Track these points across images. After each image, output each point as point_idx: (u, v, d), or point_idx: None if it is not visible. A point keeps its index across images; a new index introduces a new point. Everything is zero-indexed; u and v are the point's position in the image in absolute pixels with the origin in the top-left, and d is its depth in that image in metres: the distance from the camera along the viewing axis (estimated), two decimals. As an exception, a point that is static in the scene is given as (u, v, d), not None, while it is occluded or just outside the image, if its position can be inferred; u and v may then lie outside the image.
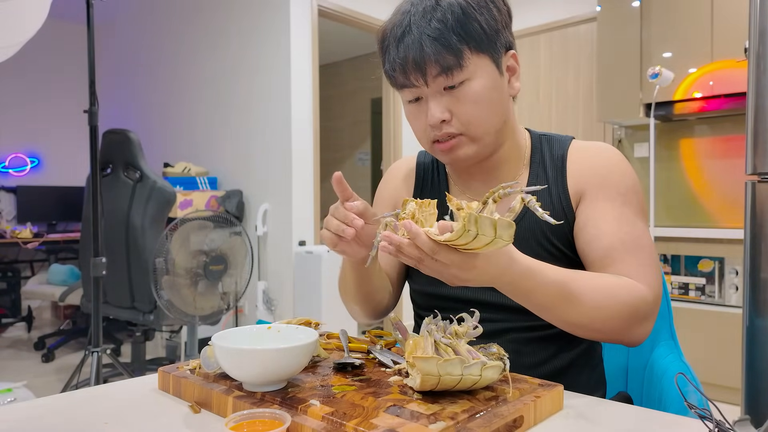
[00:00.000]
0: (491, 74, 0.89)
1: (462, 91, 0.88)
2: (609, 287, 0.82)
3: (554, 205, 0.94)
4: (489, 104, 0.89)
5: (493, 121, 0.91)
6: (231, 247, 2.74)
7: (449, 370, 0.65)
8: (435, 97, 0.89)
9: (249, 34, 3.94)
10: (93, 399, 0.78)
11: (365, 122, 6.43)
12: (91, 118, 2.27)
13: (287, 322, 0.86)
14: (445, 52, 0.84)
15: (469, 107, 0.88)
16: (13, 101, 5.06)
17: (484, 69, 0.88)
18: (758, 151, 1.07)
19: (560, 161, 0.96)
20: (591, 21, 3.90)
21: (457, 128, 0.89)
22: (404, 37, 0.87)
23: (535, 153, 0.99)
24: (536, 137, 1.01)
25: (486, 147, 0.93)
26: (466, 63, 0.86)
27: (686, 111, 3.22)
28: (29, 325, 4.62)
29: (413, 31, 0.86)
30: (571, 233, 0.94)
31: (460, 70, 0.86)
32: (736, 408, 2.62)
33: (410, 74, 0.88)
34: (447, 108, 0.88)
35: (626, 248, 0.87)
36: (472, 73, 0.87)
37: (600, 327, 0.82)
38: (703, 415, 0.57)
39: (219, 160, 4.19)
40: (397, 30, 0.88)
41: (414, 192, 1.08)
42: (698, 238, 2.96)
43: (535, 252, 0.93)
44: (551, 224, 0.93)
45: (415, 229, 0.66)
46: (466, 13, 0.85)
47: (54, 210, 4.97)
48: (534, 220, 0.94)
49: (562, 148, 0.98)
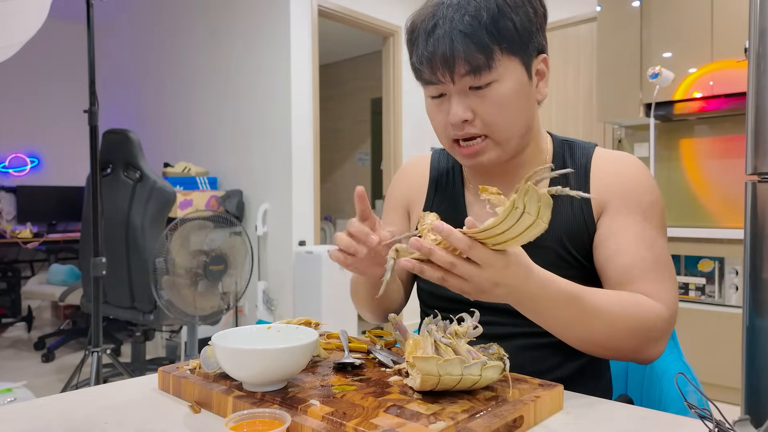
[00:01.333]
0: (520, 78, 0.86)
1: (488, 93, 0.85)
2: (625, 304, 0.80)
3: (575, 214, 0.92)
4: (514, 109, 0.87)
5: (518, 125, 0.88)
6: (231, 247, 2.74)
7: (449, 370, 0.65)
8: (459, 96, 0.86)
9: (249, 34, 3.94)
10: (93, 399, 0.78)
11: (365, 122, 6.43)
12: (91, 118, 2.27)
13: (287, 322, 0.86)
14: (475, 50, 0.82)
15: (494, 110, 0.85)
16: (13, 101, 5.06)
17: (513, 72, 0.85)
18: (758, 151, 1.07)
19: (583, 170, 0.94)
20: (591, 21, 3.90)
21: (479, 129, 0.87)
22: (435, 30, 0.83)
23: (557, 158, 0.96)
24: (558, 142, 0.99)
25: (509, 152, 0.91)
26: (496, 64, 0.83)
27: (686, 111, 3.22)
28: (29, 325, 4.62)
29: (444, 25, 0.82)
30: (590, 244, 0.92)
31: (488, 71, 0.83)
32: (736, 408, 2.62)
33: (437, 69, 0.85)
34: (470, 108, 0.86)
35: (645, 267, 0.85)
36: (500, 74, 0.84)
37: (615, 345, 0.80)
38: (703, 415, 0.57)
39: (219, 160, 4.19)
40: (428, 22, 0.84)
41: (428, 192, 1.05)
42: (698, 238, 2.95)
43: (552, 259, 0.91)
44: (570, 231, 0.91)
45: (446, 228, 0.65)
46: (501, 11, 0.82)
47: (54, 210, 4.97)
48: (553, 227, 0.90)
49: (585, 156, 0.95)
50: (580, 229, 0.91)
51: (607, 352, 0.82)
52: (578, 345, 0.81)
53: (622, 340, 0.79)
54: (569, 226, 0.91)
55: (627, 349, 0.81)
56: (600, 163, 0.94)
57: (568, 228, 0.91)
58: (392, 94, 4.41)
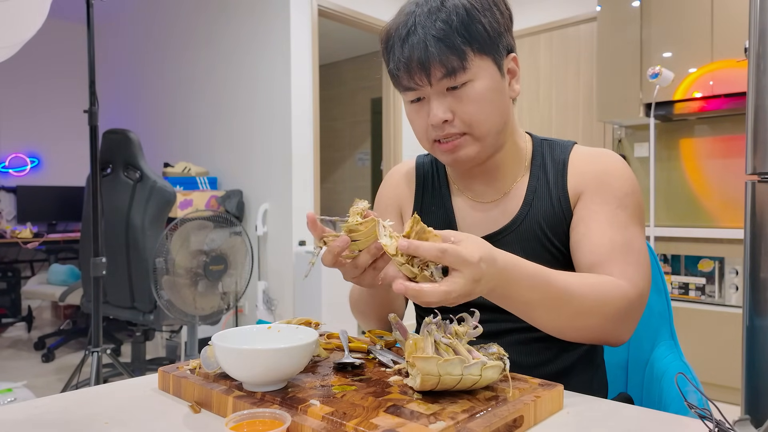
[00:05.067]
0: (493, 75, 0.90)
1: (464, 92, 0.88)
2: (589, 284, 0.81)
3: (554, 208, 0.95)
4: (491, 104, 0.90)
5: (495, 121, 0.92)
6: (231, 247, 2.74)
7: (449, 370, 0.65)
8: (437, 98, 0.89)
9: (249, 34, 3.94)
10: (93, 399, 0.78)
11: (365, 122, 6.43)
12: (91, 118, 2.27)
13: (287, 322, 0.86)
14: (449, 53, 0.85)
15: (472, 107, 0.89)
16: (13, 101, 5.06)
17: (486, 70, 0.89)
18: (758, 151, 1.07)
19: (561, 165, 0.97)
20: (591, 21, 3.90)
21: (459, 128, 0.90)
22: (409, 37, 0.87)
23: (536, 156, 1.00)
24: (538, 141, 1.02)
25: (487, 148, 0.93)
26: (470, 64, 0.87)
27: (686, 111, 3.21)
28: (29, 325, 4.62)
29: (418, 32, 0.86)
30: (569, 233, 0.94)
31: (463, 71, 0.87)
32: (736, 408, 2.62)
33: (414, 74, 0.88)
34: (449, 108, 0.89)
35: (614, 250, 0.87)
36: (474, 74, 0.88)
37: (582, 324, 0.81)
38: (703, 415, 0.57)
39: (219, 160, 4.19)
40: (401, 30, 0.88)
41: (416, 194, 1.08)
42: (698, 238, 2.96)
43: (536, 251, 0.93)
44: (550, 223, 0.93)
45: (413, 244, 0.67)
46: (471, 15, 0.86)
47: (54, 210, 4.97)
48: (535, 219, 0.94)
49: (564, 152, 0.98)
50: (559, 219, 0.94)
51: (576, 333, 0.83)
52: (548, 328, 0.82)
53: (588, 320, 0.81)
54: (548, 217, 0.95)
55: (594, 328, 0.82)
56: (577, 158, 0.97)
57: (548, 218, 0.95)
58: (392, 94, 4.41)
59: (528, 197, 0.97)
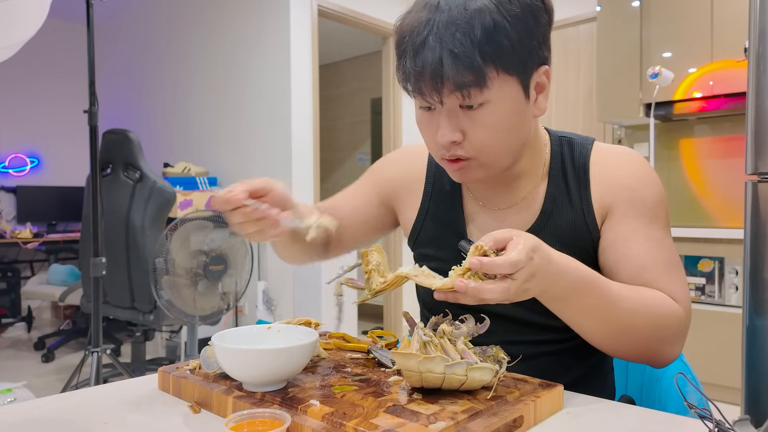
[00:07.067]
0: (515, 97, 0.80)
1: (479, 114, 0.79)
2: (644, 296, 0.79)
3: (576, 219, 0.89)
4: (506, 131, 0.81)
5: (509, 147, 0.84)
6: (231, 247, 2.74)
7: (430, 367, 0.65)
8: (449, 115, 0.80)
9: (249, 34, 3.94)
10: (93, 399, 0.78)
11: (365, 122, 6.43)
12: (91, 118, 2.27)
13: (287, 322, 0.86)
14: (465, 71, 0.74)
15: (484, 134, 0.80)
16: (13, 101, 5.06)
17: (508, 91, 0.79)
18: (758, 151, 1.07)
19: (583, 171, 0.90)
20: (591, 21, 3.89)
21: (467, 152, 0.82)
22: (423, 49, 0.76)
23: (555, 160, 0.92)
24: (556, 140, 0.94)
25: (497, 170, 0.87)
26: (489, 84, 0.76)
27: (686, 111, 3.21)
28: (29, 325, 4.62)
29: (434, 44, 0.75)
30: (593, 249, 0.89)
31: (479, 91, 0.76)
32: (736, 408, 2.62)
33: (425, 90, 0.78)
34: (460, 128, 0.80)
35: (658, 268, 0.84)
36: (494, 95, 0.78)
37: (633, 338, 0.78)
38: (703, 415, 0.57)
39: (219, 160, 4.19)
40: (416, 37, 0.77)
41: (425, 189, 1.01)
42: (698, 238, 2.95)
43: None
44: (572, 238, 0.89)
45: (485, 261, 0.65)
46: (498, 27, 0.74)
47: (54, 210, 4.97)
48: (551, 232, 0.89)
49: (584, 155, 0.91)
50: (581, 234, 0.88)
51: (624, 348, 0.80)
52: (598, 337, 0.79)
53: (641, 333, 0.78)
54: (569, 230, 0.89)
55: (644, 343, 0.79)
56: (599, 163, 0.90)
57: (569, 232, 0.89)
58: (392, 94, 4.41)
59: (546, 206, 0.90)
